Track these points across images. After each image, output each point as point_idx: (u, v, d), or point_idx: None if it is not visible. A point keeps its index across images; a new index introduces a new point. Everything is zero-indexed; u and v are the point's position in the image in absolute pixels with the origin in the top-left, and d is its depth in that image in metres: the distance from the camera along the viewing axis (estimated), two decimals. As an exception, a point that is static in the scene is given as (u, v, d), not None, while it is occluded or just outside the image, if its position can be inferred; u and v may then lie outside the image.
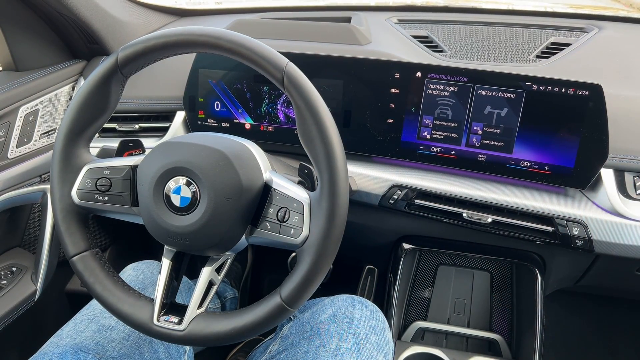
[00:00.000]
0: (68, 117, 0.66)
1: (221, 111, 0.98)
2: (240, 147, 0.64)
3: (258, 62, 0.59)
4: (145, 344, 0.76)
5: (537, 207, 0.85)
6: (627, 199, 0.83)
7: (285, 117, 0.95)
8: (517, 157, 0.85)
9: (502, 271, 1.19)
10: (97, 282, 0.65)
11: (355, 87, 0.90)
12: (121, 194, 0.66)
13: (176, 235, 0.61)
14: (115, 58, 0.64)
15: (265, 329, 0.61)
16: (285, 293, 0.59)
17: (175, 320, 0.63)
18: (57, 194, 0.66)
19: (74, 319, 0.78)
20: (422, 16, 1.14)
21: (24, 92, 0.98)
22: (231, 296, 1.30)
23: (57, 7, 0.98)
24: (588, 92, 0.80)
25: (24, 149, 1.00)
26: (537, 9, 1.13)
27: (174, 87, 1.01)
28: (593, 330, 1.43)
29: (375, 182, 0.93)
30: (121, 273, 0.89)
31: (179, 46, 0.62)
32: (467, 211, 0.89)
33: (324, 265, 0.59)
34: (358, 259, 1.37)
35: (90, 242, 0.67)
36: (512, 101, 0.83)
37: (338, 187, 0.58)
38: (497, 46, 0.99)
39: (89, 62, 1.13)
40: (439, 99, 0.87)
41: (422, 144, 0.90)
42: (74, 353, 0.68)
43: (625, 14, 1.10)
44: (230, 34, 0.60)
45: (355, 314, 0.77)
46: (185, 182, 0.60)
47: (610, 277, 1.04)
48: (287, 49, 0.82)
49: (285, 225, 0.60)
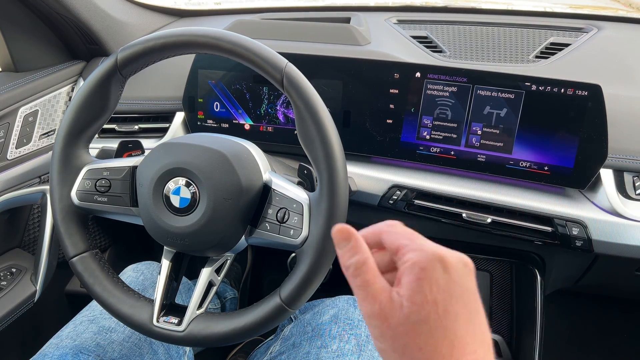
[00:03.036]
0: (67, 118, 0.66)
1: (220, 112, 0.98)
2: (239, 148, 0.64)
3: (257, 62, 0.59)
4: (145, 345, 0.76)
5: (537, 208, 0.85)
6: (626, 199, 0.83)
7: (285, 118, 0.95)
8: (517, 157, 0.85)
9: (501, 271, 1.19)
10: (96, 283, 0.65)
11: (354, 87, 0.90)
12: (121, 195, 0.66)
13: (176, 236, 0.61)
14: (114, 59, 0.64)
15: (265, 329, 0.61)
16: (285, 294, 0.59)
17: (175, 321, 0.63)
18: (56, 195, 0.66)
19: (73, 320, 0.78)
20: (421, 16, 1.14)
21: (24, 93, 0.98)
22: (231, 296, 1.30)
23: (56, 8, 0.98)
24: (587, 92, 0.80)
25: (23, 150, 1.00)
26: (536, 9, 1.13)
27: (173, 87, 1.01)
28: (593, 330, 1.43)
29: (374, 183, 0.93)
30: (121, 274, 0.89)
31: (178, 47, 0.62)
32: (467, 211, 0.89)
33: (323, 265, 0.59)
34: (358, 259, 1.37)
35: (89, 243, 0.67)
36: (512, 101, 0.83)
37: (337, 188, 0.58)
38: (497, 46, 0.99)
39: (88, 62, 1.13)
40: (438, 100, 0.87)
41: (422, 145, 0.90)
42: (74, 354, 0.68)
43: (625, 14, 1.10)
44: (229, 35, 0.60)
45: (357, 315, 0.77)
46: (184, 182, 0.60)
47: (610, 277, 1.04)
48: (286, 49, 0.82)
49: (284, 226, 0.61)
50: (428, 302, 0.32)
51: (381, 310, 0.33)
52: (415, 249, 0.35)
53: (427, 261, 0.33)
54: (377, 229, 0.38)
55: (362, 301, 0.34)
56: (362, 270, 0.35)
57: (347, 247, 0.36)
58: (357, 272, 0.35)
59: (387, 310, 0.33)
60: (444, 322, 0.32)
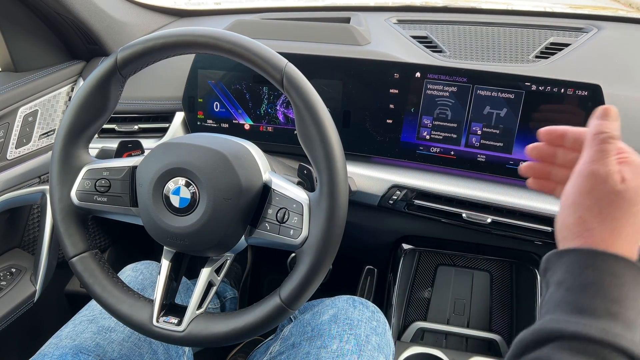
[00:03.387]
0: (67, 117, 0.66)
1: (220, 112, 0.98)
2: (239, 148, 0.64)
3: (257, 62, 0.59)
4: (145, 345, 0.76)
5: (537, 207, 0.85)
6: (626, 199, 0.83)
7: (285, 118, 0.95)
8: (517, 157, 0.85)
9: (501, 271, 1.19)
10: (96, 283, 0.65)
11: (354, 87, 0.90)
12: (120, 195, 0.66)
13: (175, 236, 0.61)
14: (114, 59, 0.64)
15: (265, 329, 0.61)
16: (284, 294, 0.59)
17: (175, 321, 0.63)
18: (56, 195, 0.66)
19: (73, 320, 0.78)
20: (421, 16, 1.14)
21: (23, 92, 0.98)
22: (231, 296, 1.30)
23: (56, 8, 0.98)
24: (587, 92, 0.80)
25: (23, 150, 1.00)
26: (536, 9, 1.13)
27: (173, 87, 1.01)
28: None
29: (374, 183, 0.93)
30: (120, 274, 0.89)
31: (178, 47, 0.62)
32: (467, 211, 0.89)
33: (323, 265, 0.59)
34: (358, 259, 1.37)
35: (89, 243, 0.67)
36: (512, 101, 0.83)
37: (337, 188, 0.57)
38: (497, 46, 0.99)
39: (88, 62, 1.13)
40: (438, 100, 0.87)
41: (422, 145, 0.90)
42: (73, 354, 0.68)
43: (625, 14, 1.10)
44: (229, 35, 0.60)
45: (356, 315, 0.77)
46: (184, 182, 0.60)
47: (609, 277, 1.04)
48: (286, 49, 0.82)
49: (284, 226, 0.60)
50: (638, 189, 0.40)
51: (607, 175, 0.40)
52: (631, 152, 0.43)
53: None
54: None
55: (595, 161, 0.41)
56: (611, 142, 0.42)
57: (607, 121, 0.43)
58: (606, 140, 0.42)
59: (610, 178, 0.40)
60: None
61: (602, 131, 0.42)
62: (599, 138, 0.42)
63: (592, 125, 0.44)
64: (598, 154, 0.41)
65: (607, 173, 0.40)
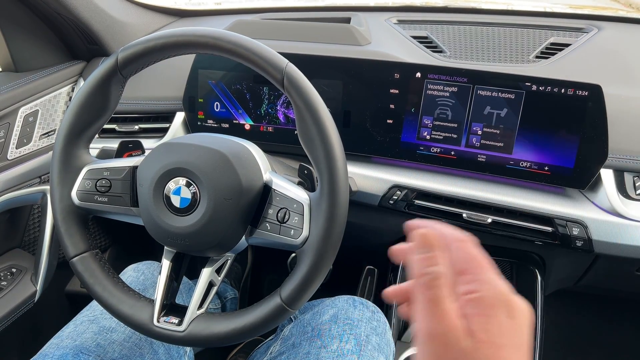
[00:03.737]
0: (68, 118, 0.66)
1: (221, 112, 0.98)
2: (240, 148, 0.64)
3: (258, 62, 0.59)
4: (146, 346, 0.76)
5: (537, 208, 0.85)
6: (626, 199, 0.83)
7: (285, 118, 0.95)
8: (517, 157, 0.85)
9: (502, 271, 1.19)
10: (97, 283, 0.65)
11: (354, 87, 0.90)
12: (121, 195, 0.66)
13: (176, 236, 0.61)
14: (115, 59, 0.64)
15: (265, 329, 0.61)
16: (285, 294, 0.59)
17: (176, 321, 0.63)
18: (56, 195, 0.66)
19: (74, 320, 0.78)
20: (421, 17, 1.14)
21: (24, 93, 0.98)
22: (231, 296, 1.30)
23: (57, 8, 0.98)
24: (587, 93, 0.80)
25: (23, 150, 1.00)
26: (536, 9, 1.13)
27: (173, 87, 1.01)
28: (593, 331, 1.43)
29: (375, 183, 0.93)
30: (121, 274, 0.89)
31: (178, 47, 0.62)
32: (467, 211, 0.89)
33: (324, 265, 0.59)
34: (358, 259, 1.37)
35: (90, 243, 0.67)
36: (512, 101, 0.83)
37: (338, 188, 0.58)
38: (497, 46, 0.99)
39: (88, 62, 1.13)
40: (438, 100, 0.87)
41: (422, 145, 0.90)
42: (74, 355, 0.68)
43: (625, 14, 1.10)
44: (229, 35, 0.60)
45: (357, 315, 0.77)
46: (185, 183, 0.60)
47: (610, 277, 1.04)
48: (286, 49, 0.82)
49: (285, 226, 0.60)
50: (491, 344, 0.31)
51: (445, 334, 0.31)
52: (484, 282, 0.33)
53: (495, 300, 0.32)
54: (447, 237, 0.36)
55: (427, 317, 0.32)
56: (437, 283, 0.33)
57: (428, 255, 0.34)
58: (432, 284, 0.33)
59: (451, 337, 0.31)
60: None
61: (424, 273, 0.34)
62: (424, 283, 0.33)
63: (413, 264, 0.35)
64: (429, 307, 0.32)
65: (445, 332, 0.31)
